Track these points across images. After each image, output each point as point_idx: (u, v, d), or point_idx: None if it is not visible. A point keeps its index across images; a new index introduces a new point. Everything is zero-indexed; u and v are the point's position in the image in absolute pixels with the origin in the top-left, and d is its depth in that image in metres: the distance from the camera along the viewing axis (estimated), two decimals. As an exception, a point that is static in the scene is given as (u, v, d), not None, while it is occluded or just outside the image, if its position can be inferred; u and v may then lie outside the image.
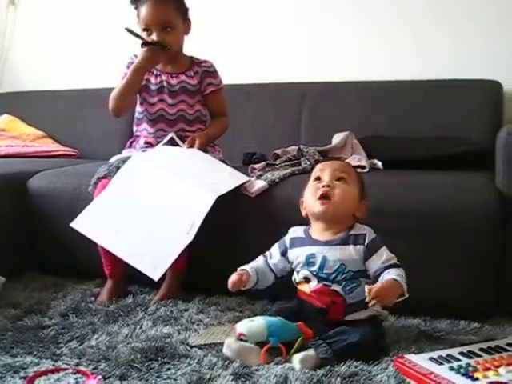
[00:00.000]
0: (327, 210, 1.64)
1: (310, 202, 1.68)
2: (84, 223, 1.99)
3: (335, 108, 2.77)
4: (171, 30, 2.20)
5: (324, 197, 1.64)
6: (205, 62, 2.33)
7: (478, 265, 1.85)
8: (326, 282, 1.62)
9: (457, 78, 2.68)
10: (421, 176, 2.08)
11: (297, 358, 1.48)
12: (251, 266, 1.72)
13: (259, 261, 1.76)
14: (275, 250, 1.76)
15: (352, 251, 1.61)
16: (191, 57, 2.34)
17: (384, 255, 1.59)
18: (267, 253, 1.77)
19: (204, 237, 1.96)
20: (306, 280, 1.66)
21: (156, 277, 1.86)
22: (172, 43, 2.22)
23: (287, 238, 1.74)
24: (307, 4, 3.01)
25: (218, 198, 1.89)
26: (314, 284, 1.64)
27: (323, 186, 1.65)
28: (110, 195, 2.02)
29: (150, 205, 1.96)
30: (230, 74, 2.33)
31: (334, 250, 1.62)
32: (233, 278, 1.67)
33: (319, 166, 1.74)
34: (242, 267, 1.72)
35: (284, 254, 1.73)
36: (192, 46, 2.31)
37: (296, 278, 1.70)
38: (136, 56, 2.25)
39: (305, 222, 1.75)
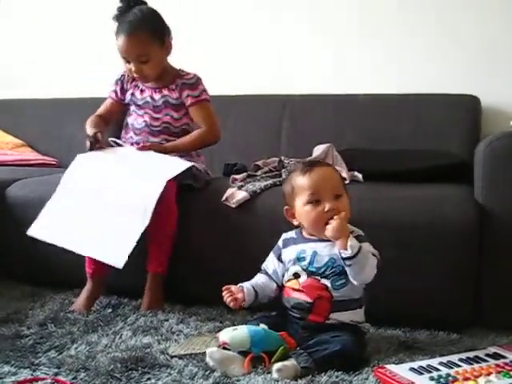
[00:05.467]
0: None
1: (315, 227, 1.64)
2: (39, 229, 2.03)
3: (315, 120, 2.79)
4: (146, 60, 2.19)
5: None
6: (187, 74, 2.29)
7: (456, 277, 1.87)
8: (315, 277, 1.63)
9: (435, 93, 2.71)
10: (400, 188, 2.10)
11: (275, 368, 1.48)
12: (248, 283, 1.71)
13: (258, 276, 1.75)
14: (270, 258, 1.75)
15: None
16: (179, 70, 2.32)
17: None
18: (263, 266, 1.76)
19: (184, 247, 1.96)
20: (296, 276, 1.66)
21: (120, 264, 1.88)
22: (149, 73, 2.23)
23: (280, 241, 1.75)
24: (286, 16, 3.02)
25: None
26: (303, 279, 1.65)
27: (328, 211, 1.60)
28: (59, 197, 2.06)
29: (102, 199, 2.01)
30: (210, 85, 2.32)
31: (325, 245, 1.63)
32: (226, 296, 1.67)
33: (310, 181, 1.65)
34: (240, 284, 1.70)
35: (280, 257, 1.73)
36: (172, 56, 2.30)
37: (285, 276, 1.70)
38: (123, 76, 2.33)
39: (283, 232, 1.76)
